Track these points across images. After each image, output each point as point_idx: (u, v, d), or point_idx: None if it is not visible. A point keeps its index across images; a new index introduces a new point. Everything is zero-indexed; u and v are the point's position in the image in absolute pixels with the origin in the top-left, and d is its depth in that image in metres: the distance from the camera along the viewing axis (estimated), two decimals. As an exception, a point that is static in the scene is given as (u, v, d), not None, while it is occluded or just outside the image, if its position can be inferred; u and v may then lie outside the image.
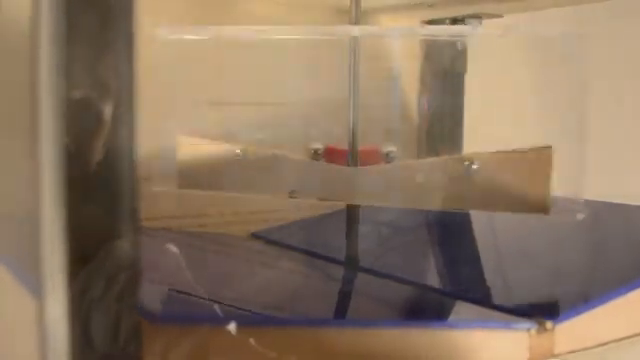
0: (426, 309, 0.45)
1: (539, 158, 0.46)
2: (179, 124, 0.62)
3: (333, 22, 0.69)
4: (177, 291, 0.43)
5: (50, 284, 0.27)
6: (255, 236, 0.59)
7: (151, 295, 0.40)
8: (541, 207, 0.45)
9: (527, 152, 0.46)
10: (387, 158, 0.50)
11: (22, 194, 0.29)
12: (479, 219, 0.63)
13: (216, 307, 0.40)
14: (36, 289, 0.28)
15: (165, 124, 0.61)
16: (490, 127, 0.80)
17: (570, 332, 0.38)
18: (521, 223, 0.65)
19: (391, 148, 0.51)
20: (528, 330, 0.37)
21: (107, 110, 0.28)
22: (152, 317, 0.34)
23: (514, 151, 0.46)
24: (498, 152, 0.47)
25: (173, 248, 0.55)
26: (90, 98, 0.27)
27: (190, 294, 0.42)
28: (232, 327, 0.34)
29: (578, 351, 0.39)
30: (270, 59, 0.66)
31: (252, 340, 0.35)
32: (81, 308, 0.27)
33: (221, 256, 0.55)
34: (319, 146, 0.52)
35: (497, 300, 0.43)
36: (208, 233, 0.60)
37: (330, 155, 0.52)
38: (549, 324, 0.37)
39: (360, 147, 0.53)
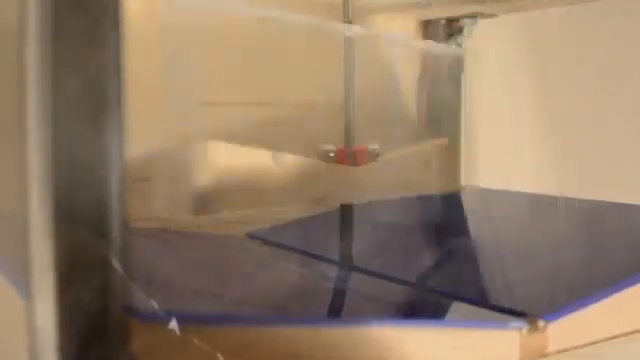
0: (419, 308, 0.45)
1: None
2: (178, 124, 0.62)
3: (325, 20, 0.69)
4: (171, 290, 0.43)
5: (39, 286, 0.27)
6: (250, 236, 0.59)
7: (143, 294, 0.40)
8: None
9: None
10: (372, 155, 0.51)
11: (13, 195, 0.29)
12: (474, 218, 0.63)
13: (209, 307, 0.40)
14: (25, 289, 0.28)
15: (164, 124, 0.61)
16: (487, 126, 0.80)
17: (562, 331, 0.38)
18: (518, 222, 0.65)
19: (374, 146, 0.52)
20: (519, 329, 0.37)
21: (95, 111, 0.28)
22: (143, 316, 0.34)
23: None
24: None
25: (168, 248, 0.55)
26: (78, 99, 0.27)
27: (183, 293, 0.42)
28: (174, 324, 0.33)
29: (570, 349, 0.38)
30: (269, 59, 0.66)
31: (244, 339, 0.35)
32: (70, 309, 0.27)
33: (216, 256, 0.55)
34: (331, 147, 0.53)
35: (490, 299, 0.43)
36: (203, 233, 0.61)
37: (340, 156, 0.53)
38: (541, 323, 0.37)
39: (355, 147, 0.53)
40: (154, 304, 0.34)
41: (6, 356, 0.38)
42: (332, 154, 0.52)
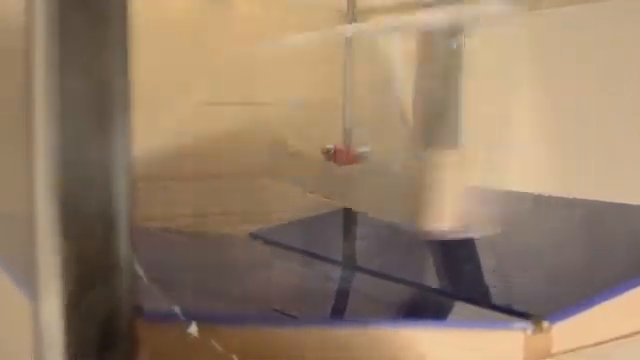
0: (423, 309, 0.45)
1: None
2: (179, 124, 0.62)
3: (328, 21, 0.69)
4: (174, 290, 0.43)
5: (45, 286, 0.27)
6: (253, 236, 0.59)
7: (148, 294, 0.39)
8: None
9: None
10: (360, 158, 0.51)
11: (20, 194, 0.29)
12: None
13: (212, 307, 0.40)
14: (30, 289, 0.28)
15: (165, 123, 0.61)
16: (486, 125, 0.80)
17: (566, 331, 0.38)
18: (520, 223, 0.65)
19: (365, 148, 0.51)
20: (524, 330, 0.37)
21: (102, 111, 0.28)
22: (148, 316, 0.34)
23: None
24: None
25: (172, 248, 0.55)
26: (84, 99, 0.27)
27: (187, 293, 0.42)
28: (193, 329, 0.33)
29: (574, 350, 0.38)
30: (269, 61, 0.66)
31: (247, 340, 0.35)
32: (76, 309, 0.27)
33: (219, 256, 0.55)
34: (330, 146, 0.53)
35: (494, 300, 0.43)
36: (207, 233, 0.61)
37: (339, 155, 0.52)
38: (545, 324, 0.37)
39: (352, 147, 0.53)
40: (174, 306, 0.34)
41: (10, 356, 0.38)
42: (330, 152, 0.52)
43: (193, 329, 0.33)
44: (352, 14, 0.55)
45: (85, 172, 0.27)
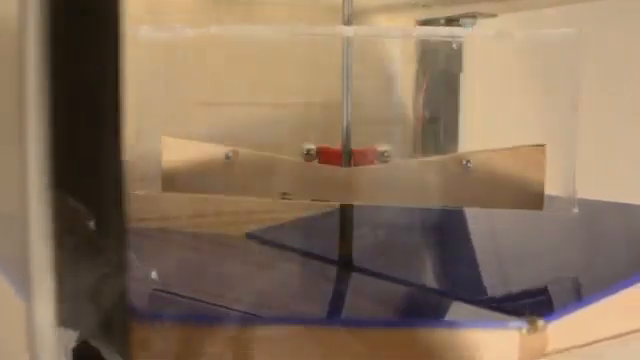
0: (419, 308, 0.45)
1: (532, 155, 0.46)
2: (171, 125, 0.62)
3: (325, 21, 0.69)
4: (170, 291, 0.43)
5: (38, 286, 0.27)
6: (249, 236, 0.59)
7: (144, 295, 0.40)
8: (535, 203, 0.45)
9: (520, 150, 0.46)
10: (382, 158, 0.50)
11: (13, 195, 0.29)
12: (474, 218, 0.63)
13: (209, 307, 0.40)
14: (23, 289, 0.28)
15: (155, 125, 0.61)
16: (486, 126, 0.80)
17: (562, 331, 0.38)
18: (517, 222, 0.65)
19: (386, 147, 0.51)
20: (519, 329, 0.37)
21: (94, 111, 0.28)
22: (144, 317, 0.34)
23: (508, 149, 0.47)
24: (492, 150, 0.47)
25: (168, 248, 0.55)
26: (76, 100, 0.27)
27: (184, 294, 0.42)
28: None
29: (570, 349, 0.38)
30: (264, 59, 0.66)
31: (243, 340, 0.35)
32: (70, 310, 0.27)
33: (216, 256, 0.55)
34: (312, 146, 0.52)
35: (490, 299, 0.43)
36: (203, 233, 0.61)
37: (324, 155, 0.52)
38: (540, 323, 0.37)
39: (355, 147, 0.52)
40: (162, 305, 0.34)
41: (6, 356, 0.38)
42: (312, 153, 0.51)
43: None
44: (348, 13, 0.54)
45: (77, 171, 0.27)
